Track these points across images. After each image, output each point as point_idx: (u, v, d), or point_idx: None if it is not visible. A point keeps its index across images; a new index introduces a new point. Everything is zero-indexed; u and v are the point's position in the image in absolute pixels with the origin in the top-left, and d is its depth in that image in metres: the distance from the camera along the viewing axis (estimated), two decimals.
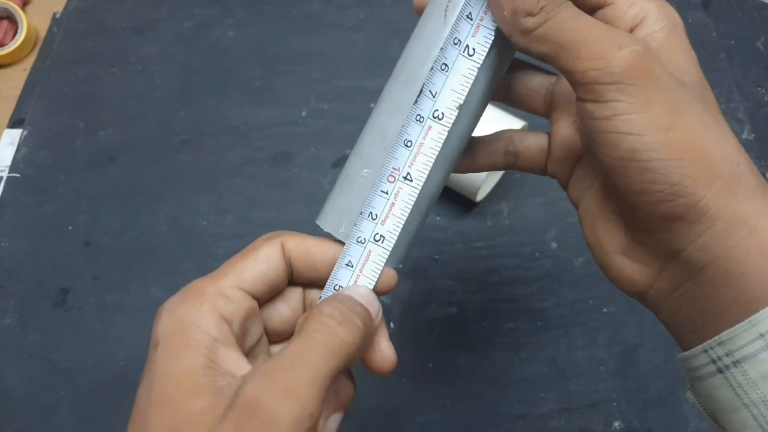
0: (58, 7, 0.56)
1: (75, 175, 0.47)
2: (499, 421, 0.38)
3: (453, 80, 0.22)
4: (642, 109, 0.19)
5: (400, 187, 0.23)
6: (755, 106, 0.50)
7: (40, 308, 0.42)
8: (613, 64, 0.19)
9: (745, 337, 0.19)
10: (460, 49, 0.22)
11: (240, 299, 0.22)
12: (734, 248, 0.19)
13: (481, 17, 0.21)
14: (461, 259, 0.43)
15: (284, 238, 0.23)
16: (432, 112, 0.22)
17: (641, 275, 0.22)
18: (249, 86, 0.51)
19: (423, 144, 0.22)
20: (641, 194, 0.20)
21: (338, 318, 0.20)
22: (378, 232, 0.23)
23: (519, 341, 0.40)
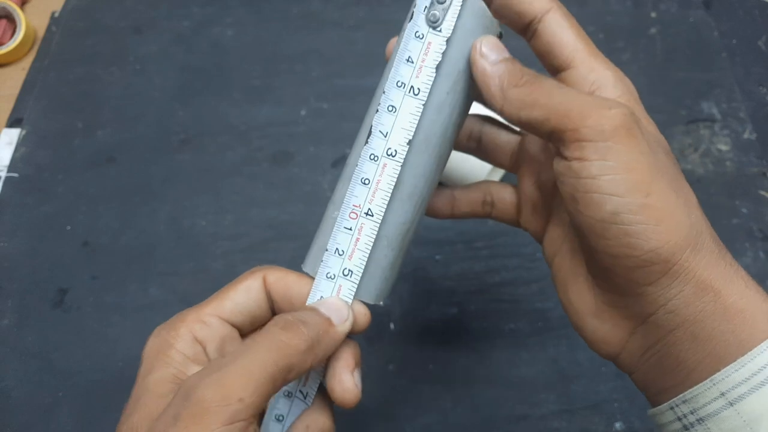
0: (56, 6, 0.56)
1: (73, 175, 0.47)
2: (500, 423, 0.38)
3: (402, 119, 0.23)
4: (626, 171, 0.20)
5: (362, 222, 0.24)
6: (757, 105, 0.50)
7: (39, 308, 0.42)
8: (603, 123, 0.20)
9: (707, 395, 0.20)
10: (405, 90, 0.23)
11: (217, 325, 0.24)
12: (701, 312, 0.20)
13: (422, 59, 0.23)
14: (462, 259, 0.43)
15: (267, 272, 0.25)
16: (386, 150, 0.23)
17: (613, 337, 0.23)
18: (248, 85, 0.51)
19: (380, 180, 0.24)
20: (619, 258, 0.21)
21: (280, 324, 0.22)
22: (346, 266, 0.24)
23: (520, 342, 0.40)
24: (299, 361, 0.21)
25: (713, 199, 0.45)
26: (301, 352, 0.21)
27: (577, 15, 0.61)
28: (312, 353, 0.22)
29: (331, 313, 0.23)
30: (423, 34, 0.23)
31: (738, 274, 0.21)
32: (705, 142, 0.48)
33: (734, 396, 0.20)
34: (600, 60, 0.24)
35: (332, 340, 0.23)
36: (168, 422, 0.19)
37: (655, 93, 0.50)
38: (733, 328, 0.20)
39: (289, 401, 0.24)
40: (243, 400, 0.19)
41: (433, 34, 0.23)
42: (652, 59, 0.52)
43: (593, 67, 0.24)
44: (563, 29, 0.24)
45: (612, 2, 0.55)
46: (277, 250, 0.44)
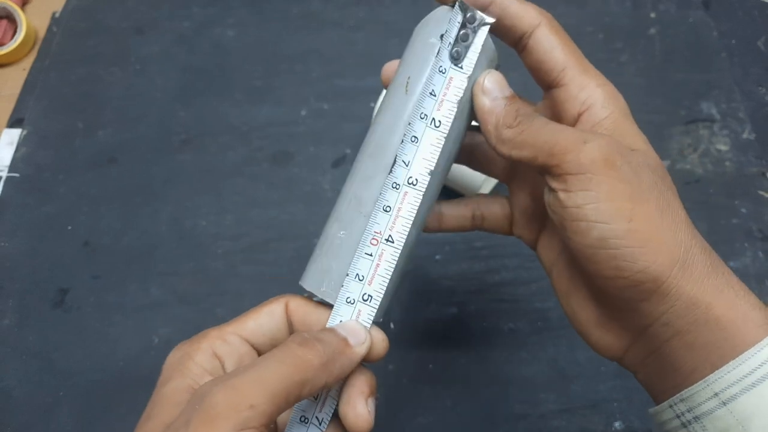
0: (57, 6, 0.56)
1: (74, 175, 0.47)
2: (500, 422, 0.38)
3: (423, 150, 0.24)
4: (607, 198, 0.21)
5: (383, 249, 0.24)
6: (756, 105, 0.50)
7: (40, 308, 0.42)
8: (581, 157, 0.22)
9: (702, 395, 0.22)
10: (427, 122, 0.24)
11: (237, 344, 0.24)
12: (693, 323, 0.22)
13: (443, 93, 0.24)
14: (462, 259, 0.43)
15: (290, 299, 0.26)
16: (407, 179, 0.24)
17: (616, 345, 0.25)
18: (249, 86, 0.51)
19: (401, 208, 0.24)
20: (610, 279, 0.22)
21: (297, 340, 0.22)
22: (366, 292, 0.25)
23: (519, 341, 0.40)
24: (314, 377, 0.21)
25: (712, 199, 0.45)
26: (316, 368, 0.21)
27: (576, 15, 0.61)
28: (327, 370, 0.22)
29: (349, 334, 0.23)
30: (446, 69, 0.24)
31: (729, 284, 0.22)
32: (704, 142, 0.48)
33: (727, 396, 0.21)
34: (590, 76, 0.24)
35: (348, 360, 0.23)
36: (180, 426, 0.20)
37: (655, 93, 0.50)
38: (725, 336, 0.21)
39: (305, 427, 0.24)
40: (254, 407, 0.19)
41: (454, 70, 0.24)
42: (651, 60, 0.52)
43: (583, 85, 0.24)
44: (553, 45, 0.24)
45: (611, 3, 0.55)
46: (278, 250, 0.44)
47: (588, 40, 0.53)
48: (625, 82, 0.51)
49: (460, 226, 0.30)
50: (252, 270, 0.43)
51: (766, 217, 0.45)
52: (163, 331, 0.41)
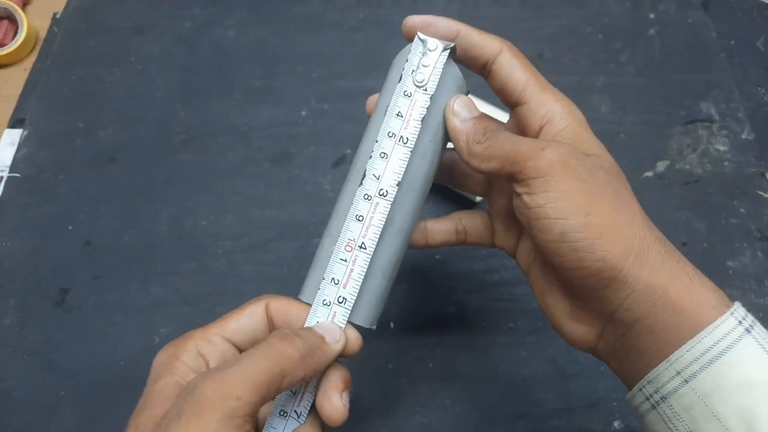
0: (58, 7, 0.56)
1: (75, 175, 0.48)
2: (499, 421, 0.38)
3: (392, 164, 0.27)
4: (565, 197, 0.24)
5: (356, 254, 0.27)
6: (755, 106, 0.50)
7: (40, 308, 0.42)
8: (540, 162, 0.24)
9: (665, 375, 0.23)
10: (395, 140, 0.27)
11: (219, 343, 0.26)
12: (652, 307, 0.23)
13: (409, 113, 0.27)
14: (461, 258, 0.43)
15: (270, 299, 0.27)
16: (378, 191, 0.27)
17: (588, 335, 0.27)
18: (249, 86, 0.52)
19: (372, 217, 0.27)
20: (573, 270, 0.24)
21: (279, 335, 0.24)
22: (341, 294, 0.27)
23: (519, 341, 0.40)
24: (293, 369, 0.23)
25: (712, 199, 0.46)
26: (295, 361, 0.23)
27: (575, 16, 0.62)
28: (305, 364, 0.24)
29: (325, 333, 0.26)
30: (411, 93, 0.27)
31: (684, 270, 0.24)
32: (703, 143, 0.48)
33: (688, 374, 0.23)
34: (549, 93, 0.27)
35: (324, 355, 0.25)
36: (172, 418, 0.21)
37: (654, 93, 0.50)
38: (682, 318, 0.23)
39: (284, 420, 0.26)
40: (240, 398, 0.21)
41: (419, 93, 0.27)
42: (650, 60, 0.52)
43: (543, 101, 0.27)
44: (514, 68, 0.27)
45: (611, 3, 0.55)
46: (278, 249, 0.44)
47: (587, 40, 0.53)
48: (625, 82, 0.51)
49: (445, 241, 0.33)
50: (252, 270, 0.43)
51: (765, 217, 0.45)
52: (164, 330, 0.41)
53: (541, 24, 0.54)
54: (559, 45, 0.53)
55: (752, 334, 0.22)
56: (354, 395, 0.27)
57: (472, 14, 0.54)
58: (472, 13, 0.55)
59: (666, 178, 0.47)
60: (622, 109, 0.49)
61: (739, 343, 0.22)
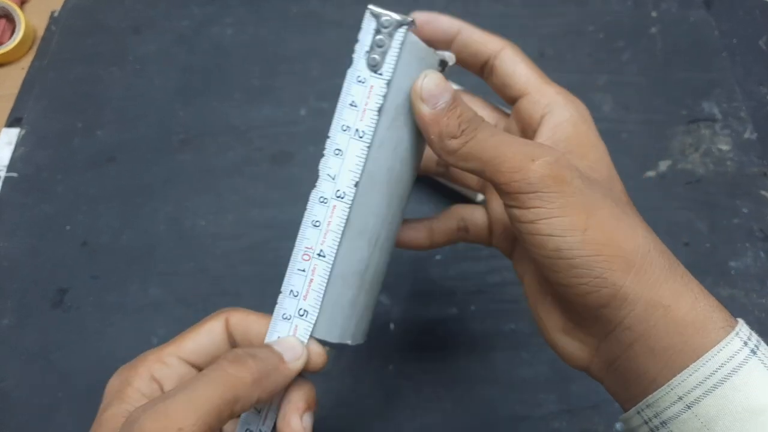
0: (56, 5, 0.56)
1: (73, 175, 0.47)
2: (500, 423, 0.38)
3: (349, 162, 0.24)
4: (560, 213, 0.22)
5: (315, 263, 0.24)
6: (757, 105, 0.50)
7: (39, 308, 0.42)
8: (529, 176, 0.22)
9: (666, 399, 0.22)
10: (350, 134, 0.24)
11: (176, 365, 0.25)
12: (654, 327, 0.22)
13: (365, 103, 0.24)
14: (462, 259, 0.43)
15: (230, 314, 0.26)
16: (335, 193, 0.24)
17: (581, 352, 0.25)
18: (248, 85, 0.51)
19: (330, 222, 0.24)
20: (570, 287, 0.22)
21: (230, 357, 0.22)
22: (301, 307, 0.25)
23: (520, 342, 0.40)
24: (245, 394, 0.22)
25: (714, 198, 0.45)
26: (248, 385, 0.22)
27: (577, 14, 0.61)
28: (259, 386, 0.22)
29: (285, 350, 0.24)
30: (365, 79, 0.24)
31: (688, 287, 0.22)
32: (706, 142, 0.48)
33: (690, 399, 0.21)
34: (551, 86, 0.26)
35: (282, 375, 0.23)
36: None
37: (656, 93, 0.50)
38: (685, 339, 0.21)
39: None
40: (182, 429, 0.20)
41: (374, 78, 0.23)
42: (652, 59, 0.52)
43: (544, 92, 0.26)
44: (517, 64, 0.26)
45: (612, 2, 0.55)
46: (277, 249, 0.44)
47: (589, 39, 0.53)
48: (627, 81, 0.50)
49: (448, 239, 0.31)
50: (251, 270, 0.43)
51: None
52: (162, 331, 0.41)
53: (543, 22, 0.54)
54: (561, 43, 0.52)
55: (758, 356, 0.21)
56: (355, 397, 0.27)
57: (473, 12, 0.54)
58: (474, 10, 0.54)
59: (668, 177, 0.46)
60: (624, 108, 0.49)
61: (745, 366, 0.21)
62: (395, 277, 0.42)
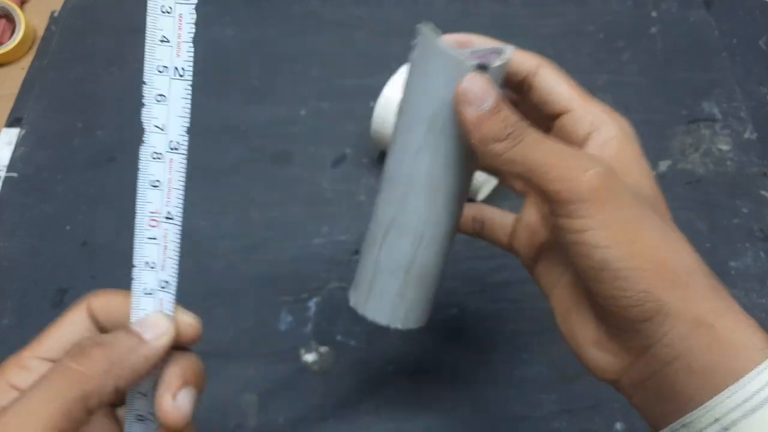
0: (56, 5, 0.56)
1: (73, 175, 0.47)
2: (501, 423, 0.38)
3: (174, 107, 0.22)
4: (608, 225, 0.22)
5: (165, 229, 0.23)
6: (757, 105, 0.50)
7: (38, 308, 0.42)
8: (580, 186, 0.22)
9: (702, 421, 0.21)
10: (169, 74, 0.22)
11: (38, 368, 0.22)
12: (695, 345, 0.21)
13: (178, 35, 0.21)
14: (462, 259, 0.43)
15: (91, 300, 0.24)
16: (168, 145, 0.22)
17: (614, 366, 0.24)
18: (248, 85, 0.51)
19: (171, 179, 0.22)
20: (613, 299, 0.22)
21: (72, 352, 0.21)
22: (161, 278, 0.23)
23: (521, 342, 0.40)
24: (97, 386, 0.20)
25: (714, 198, 0.45)
26: (97, 377, 0.20)
27: (577, 14, 0.61)
28: (113, 375, 0.21)
29: (145, 329, 0.22)
30: (171, 7, 0.21)
31: (731, 309, 0.22)
32: (706, 142, 0.48)
33: (728, 422, 0.21)
34: (595, 103, 0.26)
35: (142, 357, 0.22)
36: None
37: (656, 93, 0.50)
38: (726, 360, 0.21)
39: (143, 425, 0.23)
40: None
41: (182, 5, 0.21)
42: (652, 59, 0.52)
43: (589, 109, 0.26)
44: (557, 81, 0.26)
45: (612, 2, 0.55)
46: (277, 249, 0.44)
47: (589, 39, 0.53)
48: (627, 81, 0.50)
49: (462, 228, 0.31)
50: (251, 270, 0.43)
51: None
52: None
53: (543, 22, 0.53)
54: (561, 43, 0.52)
55: None
56: (355, 397, 0.27)
57: (473, 12, 0.54)
58: (474, 10, 0.54)
59: (668, 177, 0.46)
60: (623, 108, 0.49)
61: None
62: None
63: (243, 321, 0.41)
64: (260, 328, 0.41)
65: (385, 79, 0.42)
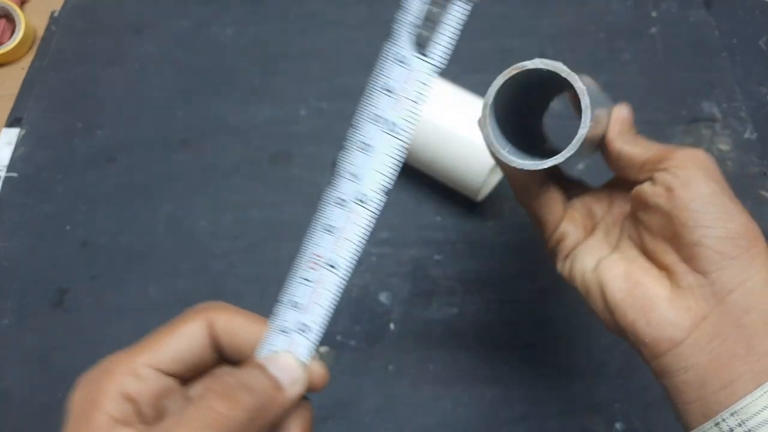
0: (56, 5, 0.56)
1: (73, 175, 0.47)
2: (500, 423, 0.38)
3: (377, 161, 0.20)
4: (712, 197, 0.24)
5: (323, 274, 0.21)
6: (757, 105, 0.50)
7: (38, 308, 0.42)
8: (686, 156, 0.25)
9: (759, 404, 0.20)
10: (382, 126, 0.20)
11: (151, 378, 0.21)
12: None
13: (403, 89, 0.19)
14: (462, 259, 0.43)
15: (213, 314, 0.22)
16: (355, 196, 0.20)
17: (684, 321, 0.23)
18: (248, 85, 0.51)
19: (346, 228, 0.21)
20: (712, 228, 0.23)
21: (219, 390, 0.19)
22: (302, 321, 0.22)
23: (520, 342, 0.40)
24: (245, 429, 0.19)
25: None
26: (242, 425, 0.19)
27: (577, 14, 0.61)
28: (254, 425, 0.19)
29: (281, 373, 0.21)
30: (407, 59, 0.20)
31: None
32: (706, 142, 0.48)
33: None
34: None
35: (279, 407, 0.20)
36: None
37: (656, 93, 0.50)
38: None
39: None
40: None
41: (419, 60, 0.19)
42: (652, 59, 0.52)
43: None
44: None
45: (612, 2, 0.55)
46: (277, 249, 0.44)
47: (589, 39, 0.53)
48: (627, 81, 0.50)
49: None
50: (251, 270, 0.43)
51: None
52: None
53: (543, 22, 0.53)
54: (561, 43, 0.52)
55: None
56: (355, 397, 0.26)
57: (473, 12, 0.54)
58: (473, 11, 0.54)
59: None
60: None
61: None
62: (395, 277, 0.42)
63: None
64: None
65: None
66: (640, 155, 0.26)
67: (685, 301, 0.23)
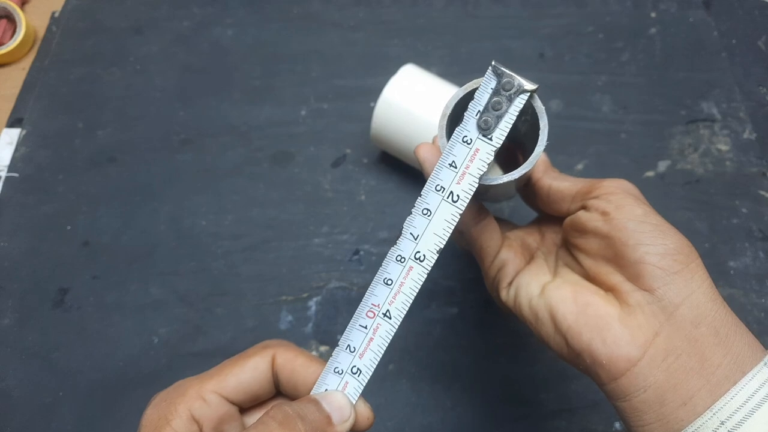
0: (57, 6, 0.56)
1: (74, 175, 0.47)
2: (500, 422, 0.38)
3: (435, 224, 0.23)
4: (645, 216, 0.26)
5: (378, 323, 0.24)
6: (756, 105, 0.50)
7: (39, 308, 0.42)
8: (613, 186, 0.27)
9: (709, 426, 0.21)
10: (443, 195, 0.23)
11: (216, 404, 0.24)
12: (717, 311, 0.23)
13: (466, 165, 0.23)
14: (462, 258, 0.43)
15: (277, 351, 0.25)
16: (413, 254, 0.23)
17: (639, 338, 0.23)
18: (249, 86, 0.51)
19: (403, 283, 0.23)
20: (652, 245, 0.24)
21: (279, 418, 0.21)
22: (355, 364, 0.24)
23: (520, 342, 0.40)
24: None
25: (713, 199, 0.45)
26: None
27: (576, 15, 0.61)
28: None
29: (333, 410, 0.23)
30: (471, 140, 0.23)
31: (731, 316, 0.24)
32: (705, 142, 0.48)
33: (732, 424, 0.21)
34: None
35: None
36: None
37: (655, 93, 0.50)
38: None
39: None
40: None
41: (481, 141, 0.23)
42: (651, 59, 0.52)
43: None
44: None
45: (611, 2, 0.55)
46: (278, 249, 0.44)
47: (588, 39, 0.53)
48: (626, 81, 0.51)
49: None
50: (252, 270, 0.43)
51: (767, 217, 0.45)
52: (163, 331, 0.41)
53: (542, 23, 0.54)
54: (560, 44, 0.52)
55: None
56: None
57: (472, 13, 0.54)
58: (473, 12, 0.54)
59: (667, 177, 0.46)
60: (623, 108, 0.49)
61: None
62: None
63: (243, 320, 0.41)
64: (261, 327, 0.41)
65: (385, 80, 0.42)
66: (570, 188, 0.28)
67: (636, 319, 0.23)
